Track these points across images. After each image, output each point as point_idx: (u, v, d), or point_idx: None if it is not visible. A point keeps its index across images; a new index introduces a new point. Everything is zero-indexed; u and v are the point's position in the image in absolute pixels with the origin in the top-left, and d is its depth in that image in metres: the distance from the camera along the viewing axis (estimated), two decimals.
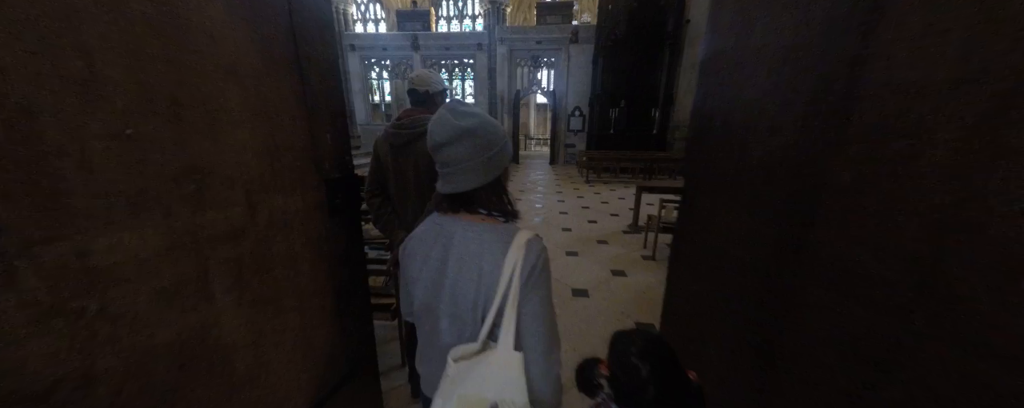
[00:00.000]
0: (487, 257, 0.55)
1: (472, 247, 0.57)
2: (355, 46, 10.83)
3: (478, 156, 0.55)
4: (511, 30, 10.26)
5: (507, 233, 0.57)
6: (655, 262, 3.00)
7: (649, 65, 8.97)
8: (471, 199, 0.59)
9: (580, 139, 10.66)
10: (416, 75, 1.27)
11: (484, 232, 0.57)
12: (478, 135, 0.55)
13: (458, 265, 0.57)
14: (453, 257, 0.57)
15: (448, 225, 0.60)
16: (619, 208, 5.06)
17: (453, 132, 0.54)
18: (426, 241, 0.61)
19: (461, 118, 0.55)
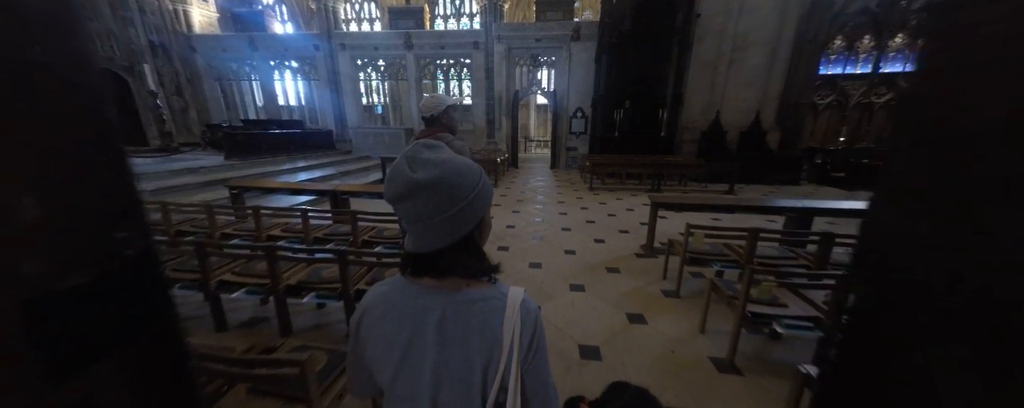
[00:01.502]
0: (480, 330, 0.49)
1: (459, 322, 0.50)
2: (345, 45, 10.31)
3: (439, 213, 0.47)
4: (509, 27, 9.73)
5: (497, 299, 0.51)
6: (680, 301, 2.45)
7: (656, 63, 8.43)
8: (437, 261, 0.50)
9: (582, 142, 10.13)
10: (423, 103, 1.48)
11: (472, 303, 0.51)
12: (439, 189, 0.47)
13: (444, 344, 0.49)
14: (436, 336, 0.49)
15: (422, 298, 0.51)
16: (628, 222, 4.52)
17: (406, 186, 0.47)
18: (392, 317, 0.52)
19: (418, 169, 0.47)
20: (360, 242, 2.65)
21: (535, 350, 0.51)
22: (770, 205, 3.03)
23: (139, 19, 9.03)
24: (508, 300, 0.51)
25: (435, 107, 1.50)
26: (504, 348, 0.48)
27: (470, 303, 0.50)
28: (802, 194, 6.57)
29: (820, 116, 8.44)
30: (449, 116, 1.56)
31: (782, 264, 2.29)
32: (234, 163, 6.80)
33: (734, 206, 3.10)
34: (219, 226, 2.79)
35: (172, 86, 10.12)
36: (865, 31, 7.60)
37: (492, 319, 0.49)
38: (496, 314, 0.50)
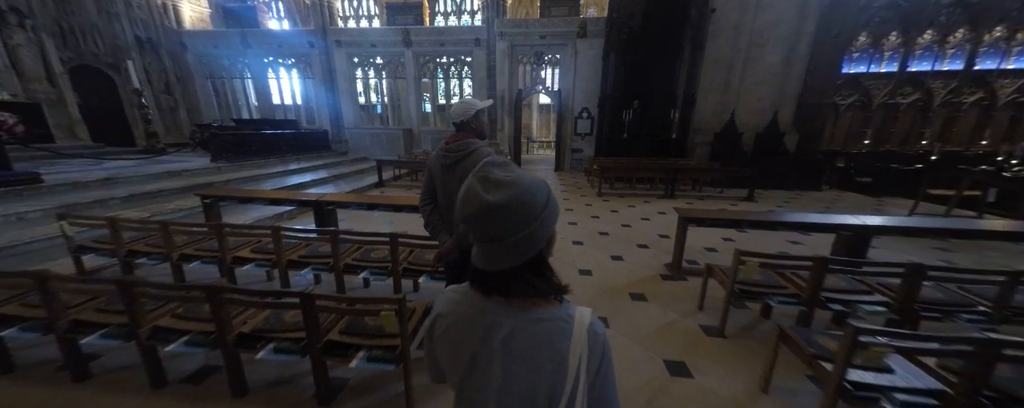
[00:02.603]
0: (546, 351, 0.49)
1: (526, 341, 0.49)
2: (341, 42, 9.90)
3: (511, 234, 0.47)
4: (512, 23, 9.31)
5: (564, 320, 0.50)
6: (727, 343, 2.03)
7: (667, 61, 8.00)
8: (507, 280, 0.50)
9: (588, 143, 9.71)
10: (452, 109, 1.51)
11: (538, 322, 0.50)
12: (511, 211, 0.47)
13: (508, 360, 0.49)
14: (500, 350, 0.50)
15: (491, 312, 0.52)
16: (646, 235, 4.09)
17: (480, 209, 0.47)
18: (462, 328, 0.54)
19: (492, 191, 0.48)
20: (342, 266, 2.24)
21: (603, 376, 0.51)
22: (827, 223, 2.60)
23: (125, 14, 8.63)
24: (575, 322, 0.50)
25: (465, 112, 1.50)
26: (570, 372, 0.48)
27: (537, 322, 0.50)
28: (826, 201, 6.14)
29: (841, 117, 8.01)
30: (479, 120, 1.55)
31: (855, 301, 1.87)
32: (221, 166, 6.39)
33: (778, 223, 2.68)
34: (177, 246, 2.37)
35: (160, 84, 9.72)
36: (892, 27, 7.16)
37: (559, 341, 0.49)
38: (563, 336, 0.49)
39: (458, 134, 1.53)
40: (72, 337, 1.53)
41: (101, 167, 5.67)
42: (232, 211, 4.34)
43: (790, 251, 3.58)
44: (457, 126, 1.54)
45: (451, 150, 1.49)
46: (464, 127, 1.51)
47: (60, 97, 7.59)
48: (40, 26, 7.22)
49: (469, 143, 1.48)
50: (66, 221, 2.35)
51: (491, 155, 1.49)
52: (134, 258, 2.39)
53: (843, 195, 6.65)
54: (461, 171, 1.46)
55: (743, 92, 7.99)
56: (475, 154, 1.48)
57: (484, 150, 1.49)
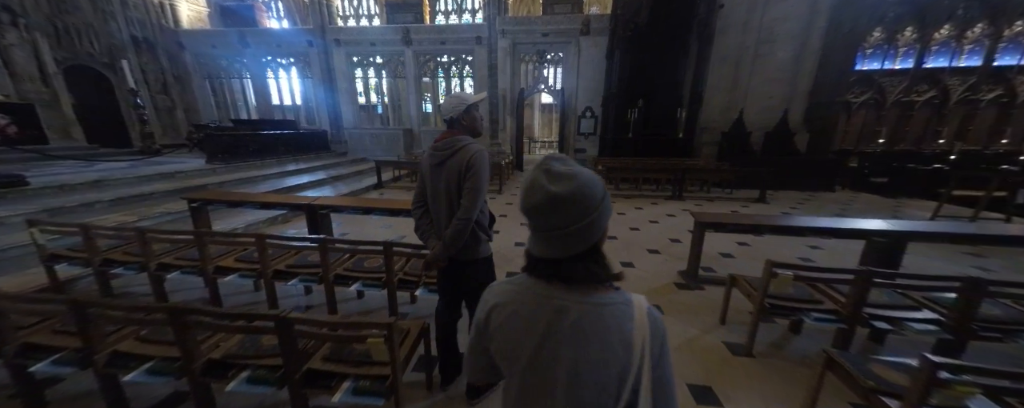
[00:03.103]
0: (616, 334, 0.52)
1: (594, 323, 0.52)
2: (340, 41, 9.74)
3: (573, 223, 0.51)
4: (514, 21, 9.13)
5: (626, 305, 0.54)
6: (756, 364, 1.83)
7: (673, 58, 7.79)
8: (568, 267, 0.54)
9: (591, 143, 9.51)
10: (443, 104, 1.37)
11: (603, 306, 0.53)
12: (574, 201, 0.50)
13: (581, 341, 0.52)
14: (571, 334, 0.52)
15: (556, 298, 0.54)
16: (656, 239, 3.90)
17: (545, 199, 0.51)
18: (525, 313, 0.55)
19: (555, 182, 0.51)
20: (333, 277, 2.06)
21: (664, 357, 0.53)
22: (860, 228, 2.39)
23: (120, 13, 8.50)
24: (635, 307, 0.53)
25: (455, 108, 1.36)
26: (635, 352, 0.50)
27: (602, 306, 0.53)
28: (841, 202, 5.92)
29: (854, 115, 7.77)
30: (470, 116, 1.39)
31: (902, 318, 1.67)
32: (216, 167, 6.23)
33: (806, 228, 2.47)
34: (156, 254, 2.19)
35: (157, 84, 9.59)
36: (907, 22, 6.92)
37: (624, 324, 0.52)
38: (627, 319, 0.52)
39: (448, 131, 1.40)
40: (22, 363, 1.35)
41: (92, 169, 5.52)
42: (223, 215, 4.18)
43: (810, 257, 3.38)
44: (448, 123, 1.39)
45: (439, 149, 1.37)
46: (455, 124, 1.38)
47: (54, 97, 7.46)
48: (33, 25, 7.10)
49: (456, 140, 1.35)
50: (37, 228, 2.18)
51: (480, 152, 1.33)
52: (110, 267, 2.21)
53: (857, 196, 6.42)
54: (446, 171, 1.35)
55: (752, 90, 7.77)
56: (462, 152, 1.33)
57: (472, 147, 1.34)
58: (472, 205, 1.31)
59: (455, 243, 1.34)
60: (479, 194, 1.32)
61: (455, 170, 1.33)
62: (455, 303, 1.55)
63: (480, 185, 1.32)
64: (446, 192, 1.36)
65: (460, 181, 1.33)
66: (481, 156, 1.33)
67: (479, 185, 1.32)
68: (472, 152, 1.32)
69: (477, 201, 1.32)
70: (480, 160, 1.32)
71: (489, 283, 0.65)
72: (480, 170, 1.31)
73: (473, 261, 1.42)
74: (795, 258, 3.34)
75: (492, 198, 6.06)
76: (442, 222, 1.40)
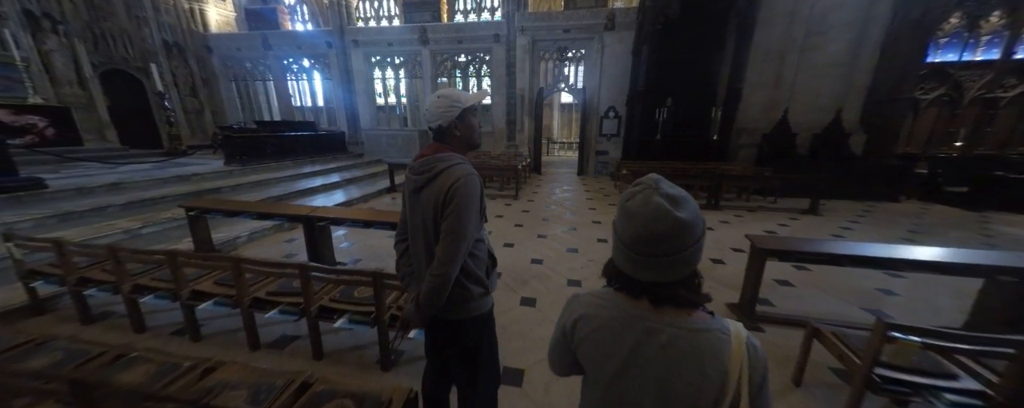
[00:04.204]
0: (710, 361, 0.51)
1: (687, 348, 0.52)
2: (358, 41, 9.69)
3: (682, 249, 0.51)
4: (534, 17, 8.72)
5: (722, 332, 0.53)
6: None
7: (708, 53, 7.14)
8: (665, 290, 0.55)
9: (614, 145, 8.96)
10: (427, 107, 1.03)
11: (698, 332, 0.53)
12: (694, 225, 0.52)
13: (673, 364, 0.52)
14: (664, 354, 0.53)
15: (647, 319, 0.55)
16: None
17: (672, 225, 0.50)
18: (612, 329, 0.58)
19: (679, 208, 0.51)
20: (315, 310, 1.75)
21: (764, 390, 0.52)
22: (990, 265, 1.83)
23: (153, 19, 8.80)
24: (732, 336, 0.53)
25: (445, 113, 0.99)
26: (731, 382, 0.50)
27: (696, 332, 0.52)
28: (910, 215, 5.11)
29: (921, 115, 6.81)
30: (466, 124, 1.04)
31: None
32: (233, 169, 6.23)
33: (903, 262, 1.93)
34: (128, 275, 1.97)
35: (186, 87, 9.90)
36: (994, 6, 5.94)
37: (719, 352, 0.51)
38: (724, 347, 0.51)
39: (433, 145, 1.04)
40: None
41: (115, 171, 5.62)
42: (226, 221, 4.04)
43: (891, 287, 2.77)
44: (435, 133, 1.04)
45: (417, 170, 1.02)
46: (445, 135, 1.02)
47: (90, 101, 7.79)
48: (72, 31, 7.42)
49: (440, 159, 0.99)
50: (12, 243, 2.01)
51: (465, 178, 0.95)
52: (83, 286, 2.01)
53: (929, 208, 5.56)
54: (426, 199, 1.00)
55: (798, 87, 6.99)
56: (442, 177, 0.96)
57: (456, 171, 0.97)
58: (449, 257, 0.95)
59: (431, 304, 0.98)
60: (459, 240, 0.95)
61: (432, 202, 0.97)
62: (444, 370, 1.18)
63: (462, 227, 0.94)
64: (424, 230, 1.02)
65: (438, 218, 0.97)
66: (467, 184, 0.95)
67: (460, 227, 0.94)
68: (454, 178, 0.95)
69: (457, 250, 0.95)
70: (465, 190, 0.94)
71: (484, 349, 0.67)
72: (464, 204, 0.94)
73: (461, 321, 1.05)
74: (872, 290, 2.75)
75: (508, 204, 5.69)
76: (421, 267, 1.06)
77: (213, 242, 3.21)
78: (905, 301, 2.61)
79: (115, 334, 2.03)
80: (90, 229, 3.42)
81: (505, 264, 3.18)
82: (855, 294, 2.70)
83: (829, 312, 2.41)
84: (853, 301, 2.60)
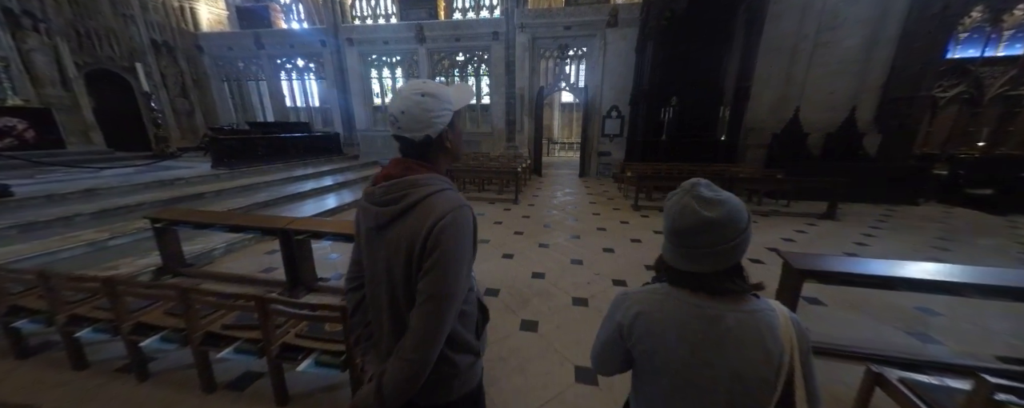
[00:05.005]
0: (769, 336, 0.57)
1: (749, 329, 0.58)
2: (353, 40, 9.42)
3: (723, 243, 0.57)
4: (534, 14, 8.44)
5: (771, 312, 0.59)
6: None
7: (715, 50, 6.86)
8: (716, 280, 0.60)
9: (617, 145, 8.68)
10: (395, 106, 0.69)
11: (754, 313, 0.59)
12: (725, 223, 0.56)
13: (738, 346, 0.58)
14: (729, 338, 0.58)
15: (708, 307, 0.60)
16: None
17: (700, 223, 0.57)
18: (676, 320, 0.61)
19: (707, 208, 0.57)
20: (277, 348, 1.47)
21: (809, 353, 0.59)
22: None
23: (141, 17, 8.53)
24: (778, 313, 0.59)
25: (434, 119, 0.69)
26: (787, 352, 0.56)
27: (753, 313, 0.58)
28: (934, 220, 4.82)
29: (940, 114, 6.52)
30: (458, 132, 0.77)
31: None
32: (220, 173, 5.95)
33: (969, 286, 1.65)
34: (63, 304, 1.70)
35: (177, 87, 9.63)
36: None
37: (775, 327, 0.57)
38: (775, 323, 0.58)
39: (401, 163, 0.73)
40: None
41: (97, 176, 5.34)
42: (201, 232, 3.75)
43: (931, 306, 2.49)
44: (411, 147, 0.73)
45: (380, 198, 0.71)
46: (428, 149, 0.73)
47: (74, 102, 7.51)
48: (55, 30, 7.14)
49: (415, 184, 0.69)
50: None
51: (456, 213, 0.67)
52: (14, 317, 1.74)
53: (951, 212, 5.27)
54: (394, 242, 0.70)
55: (810, 84, 6.70)
56: (422, 209, 0.67)
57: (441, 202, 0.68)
58: (431, 334, 0.66)
59: (400, 395, 0.67)
60: (446, 308, 0.67)
61: (405, 244, 0.68)
62: None
63: (450, 288, 0.66)
64: (389, 282, 0.72)
65: (411, 269, 0.68)
66: (457, 224, 0.67)
67: (448, 288, 0.66)
68: (439, 214, 0.66)
69: (442, 323, 0.66)
70: (455, 232, 0.66)
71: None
72: (453, 254, 0.66)
73: (442, 406, 0.76)
74: (911, 309, 2.47)
75: (507, 209, 5.41)
76: (383, 329, 0.76)
77: (184, 256, 2.94)
78: (951, 323, 2.33)
79: (53, 372, 1.76)
80: (53, 241, 3.14)
81: (504, 280, 2.91)
82: (893, 313, 2.42)
83: (870, 338, 2.14)
84: (893, 322, 2.33)
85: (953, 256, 3.44)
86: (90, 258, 3.01)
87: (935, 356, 1.95)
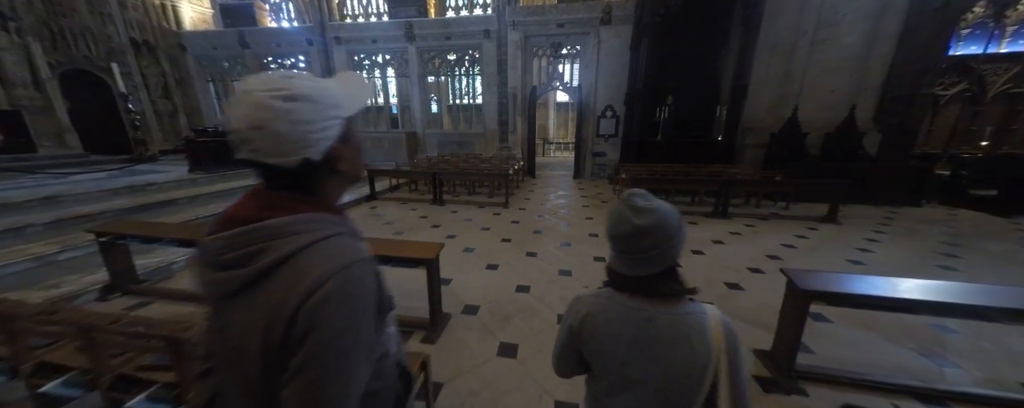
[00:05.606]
0: (697, 336, 0.62)
1: (679, 330, 0.62)
2: (340, 39, 9.16)
3: (654, 248, 0.62)
4: (526, 11, 8.21)
5: (702, 314, 0.64)
6: None
7: (711, 47, 6.66)
8: (651, 283, 0.64)
9: (612, 146, 8.48)
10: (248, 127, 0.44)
11: (685, 315, 0.63)
12: (654, 230, 0.61)
13: (669, 345, 0.62)
14: (660, 337, 0.62)
15: (644, 309, 0.64)
16: (707, 282, 2.90)
17: (631, 229, 0.62)
18: (616, 321, 0.66)
19: (638, 216, 0.62)
20: (194, 396, 1.23)
21: (739, 356, 0.63)
22: None
23: (119, 15, 8.23)
24: (709, 316, 0.64)
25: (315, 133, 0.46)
26: (715, 353, 0.61)
27: (684, 315, 0.63)
28: (937, 222, 4.65)
29: (941, 112, 6.36)
30: (354, 147, 0.54)
31: None
32: (197, 177, 5.71)
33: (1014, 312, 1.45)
34: None
35: (158, 88, 9.33)
36: None
37: (703, 328, 0.62)
38: (705, 325, 0.62)
39: (259, 196, 0.49)
40: None
41: (62, 182, 5.07)
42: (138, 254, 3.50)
43: (947, 322, 2.29)
44: (274, 176, 0.49)
45: (218, 258, 0.46)
46: (310, 177, 0.51)
47: (48, 103, 7.22)
48: (26, 28, 6.85)
49: (277, 230, 0.45)
50: None
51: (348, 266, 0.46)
52: None
53: (956, 213, 5.10)
54: (247, 319, 0.45)
55: (808, 83, 6.52)
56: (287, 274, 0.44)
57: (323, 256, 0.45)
58: None
59: None
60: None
61: (260, 330, 0.44)
62: None
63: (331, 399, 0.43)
64: (242, 377, 0.47)
65: (269, 370, 0.45)
66: (346, 295, 0.45)
67: (327, 400, 0.43)
68: (316, 280, 0.44)
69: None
70: (340, 308, 0.44)
71: None
72: (334, 345, 0.43)
73: None
74: (925, 326, 2.27)
75: (496, 214, 5.18)
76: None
77: (136, 271, 2.69)
78: (969, 342, 2.13)
79: None
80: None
81: (486, 294, 2.69)
82: (906, 331, 2.22)
83: (882, 361, 1.94)
84: (906, 342, 2.13)
85: (964, 264, 3.26)
86: (35, 274, 2.77)
87: (956, 384, 1.75)
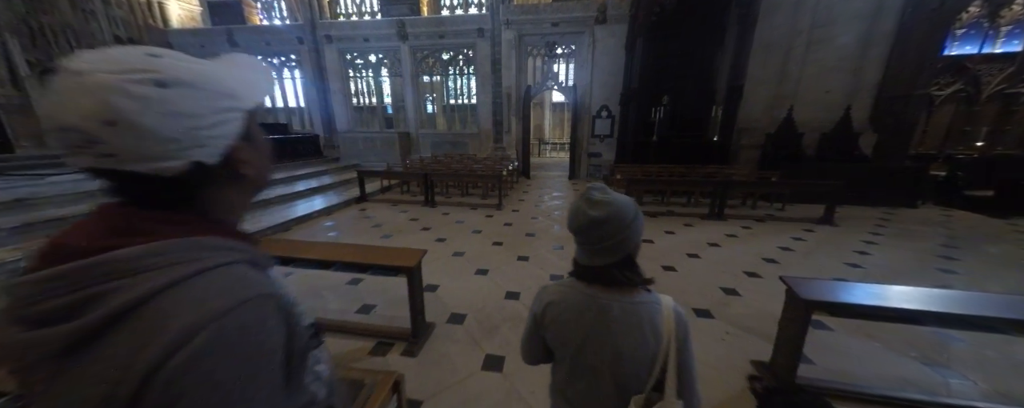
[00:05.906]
0: (648, 326, 0.66)
1: (632, 317, 0.66)
2: (331, 37, 9.00)
3: (609, 238, 0.66)
4: (520, 10, 8.11)
5: (655, 303, 0.68)
6: None
7: (707, 47, 6.60)
8: (608, 273, 0.68)
9: (608, 146, 8.40)
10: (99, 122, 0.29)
11: (638, 304, 0.67)
12: (608, 222, 0.65)
13: (621, 332, 0.66)
14: (614, 325, 0.67)
15: (600, 297, 0.68)
16: (702, 286, 2.80)
17: (587, 221, 0.66)
18: (575, 309, 0.70)
19: (593, 208, 0.66)
20: None
21: (687, 346, 0.68)
22: None
23: (103, 12, 8.01)
24: (663, 305, 0.68)
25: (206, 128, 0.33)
26: (663, 341, 0.65)
27: (638, 304, 0.67)
28: (934, 224, 4.61)
29: (936, 112, 6.34)
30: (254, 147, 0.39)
31: None
32: None
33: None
34: None
35: None
36: None
37: (655, 318, 0.66)
38: (657, 314, 0.67)
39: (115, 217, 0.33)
40: None
41: (37, 183, 4.88)
42: None
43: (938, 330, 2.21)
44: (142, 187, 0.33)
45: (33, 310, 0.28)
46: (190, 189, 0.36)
47: (26, 102, 7.00)
48: (3, 25, 6.63)
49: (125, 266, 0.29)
50: None
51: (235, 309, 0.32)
52: None
53: (952, 215, 5.07)
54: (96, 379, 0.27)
55: (804, 82, 6.47)
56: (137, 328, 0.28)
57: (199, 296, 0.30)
58: None
59: None
60: None
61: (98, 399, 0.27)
62: None
63: None
64: None
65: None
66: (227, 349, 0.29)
67: None
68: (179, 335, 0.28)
69: None
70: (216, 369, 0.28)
71: None
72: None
73: None
74: (927, 333, 2.19)
75: (489, 216, 5.07)
76: None
77: None
78: (973, 350, 2.06)
79: None
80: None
81: (473, 302, 2.58)
82: (908, 339, 2.14)
83: (886, 373, 1.85)
84: (908, 351, 2.05)
85: (964, 267, 3.20)
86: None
87: (962, 397, 1.66)
